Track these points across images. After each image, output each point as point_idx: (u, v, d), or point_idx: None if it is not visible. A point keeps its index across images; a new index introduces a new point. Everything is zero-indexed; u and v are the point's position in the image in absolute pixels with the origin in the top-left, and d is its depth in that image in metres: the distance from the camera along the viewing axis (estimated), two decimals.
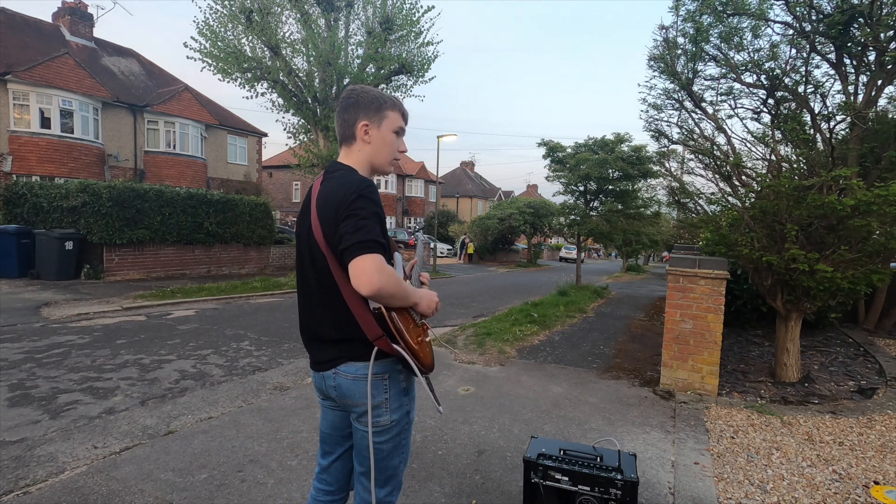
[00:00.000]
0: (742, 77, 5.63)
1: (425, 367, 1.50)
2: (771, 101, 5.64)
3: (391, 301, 1.40)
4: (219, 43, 11.41)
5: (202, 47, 11.47)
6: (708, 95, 6.01)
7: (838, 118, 5.05)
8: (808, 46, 4.98)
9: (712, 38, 5.54)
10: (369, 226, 1.36)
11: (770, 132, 5.72)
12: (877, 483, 2.87)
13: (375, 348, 1.45)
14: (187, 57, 11.46)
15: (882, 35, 4.48)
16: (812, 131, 5.28)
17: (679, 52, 5.80)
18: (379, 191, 1.53)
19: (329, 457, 1.70)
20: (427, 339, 1.57)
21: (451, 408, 3.95)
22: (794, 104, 5.46)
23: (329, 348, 1.53)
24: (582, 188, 14.60)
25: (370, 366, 1.45)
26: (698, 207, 6.51)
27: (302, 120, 12.92)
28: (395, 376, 1.53)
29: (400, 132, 1.64)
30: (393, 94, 13.21)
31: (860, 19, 4.52)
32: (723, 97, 5.96)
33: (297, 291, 1.64)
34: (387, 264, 1.37)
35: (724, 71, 5.75)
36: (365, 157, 1.58)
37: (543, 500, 2.19)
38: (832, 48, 4.91)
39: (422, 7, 12.23)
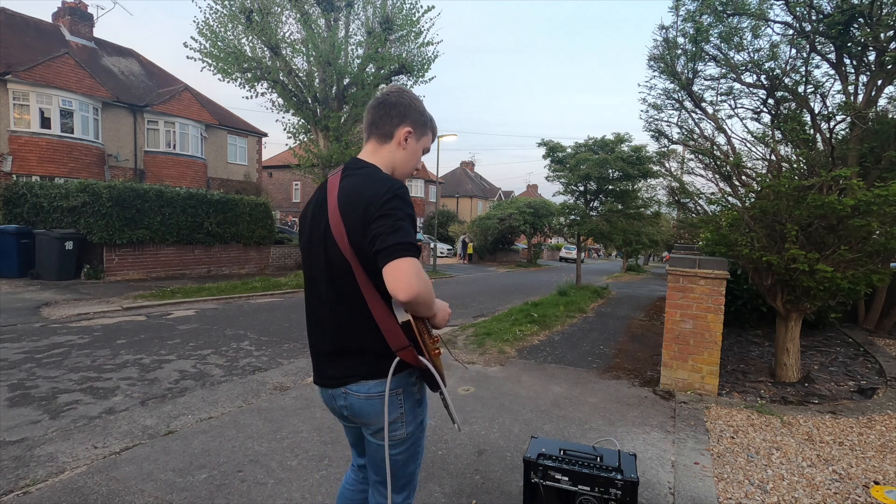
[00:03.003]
0: (742, 77, 5.63)
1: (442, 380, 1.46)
2: (771, 101, 5.64)
3: (422, 309, 1.34)
4: (219, 43, 11.41)
5: (202, 47, 11.47)
6: (708, 95, 6.02)
7: (838, 118, 5.04)
8: (808, 46, 4.98)
9: (712, 38, 5.54)
10: (406, 227, 1.30)
11: (770, 132, 5.72)
12: (877, 483, 2.87)
13: (396, 359, 1.38)
14: (187, 57, 11.45)
15: (882, 35, 4.48)
16: (812, 131, 5.28)
17: (679, 52, 5.80)
18: None
19: (362, 458, 1.69)
20: (440, 351, 1.53)
21: None
22: (794, 104, 5.46)
23: (337, 365, 1.47)
24: (582, 188, 14.60)
25: (388, 381, 1.39)
26: (698, 207, 6.50)
27: (302, 120, 12.92)
28: (409, 389, 1.49)
29: (425, 152, 1.64)
30: None
31: (860, 19, 4.52)
32: (723, 97, 5.96)
33: (306, 300, 1.56)
34: (422, 269, 1.31)
35: (724, 71, 5.75)
36: (393, 162, 1.53)
37: (543, 500, 2.19)
38: (832, 48, 4.91)
39: (422, 7, 12.23)
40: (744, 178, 5.48)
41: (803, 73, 5.18)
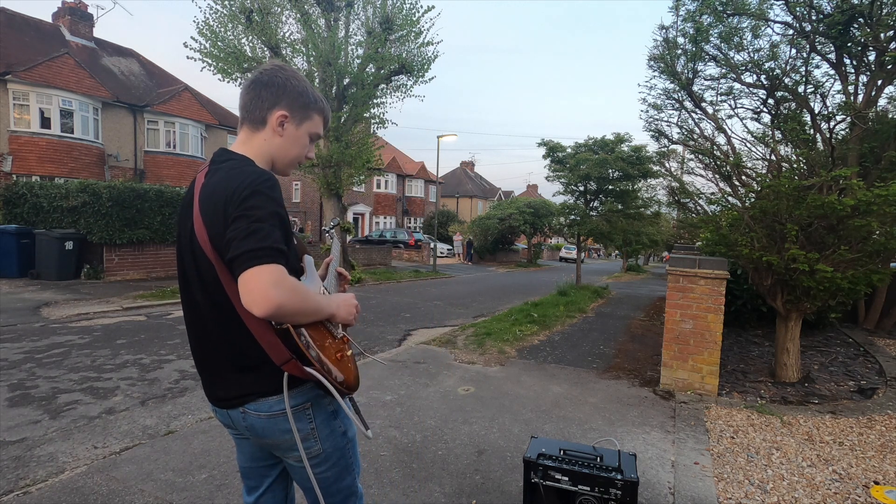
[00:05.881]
0: (742, 77, 5.63)
1: (347, 387, 1.25)
2: (771, 101, 5.64)
3: (297, 319, 1.15)
4: (219, 43, 11.42)
5: (202, 47, 11.48)
6: (708, 95, 6.02)
7: (838, 118, 5.05)
8: (808, 46, 4.98)
9: (712, 38, 5.54)
10: (265, 230, 1.11)
11: (770, 132, 5.72)
12: (877, 483, 2.87)
13: (286, 375, 1.22)
14: (187, 57, 11.46)
15: (882, 35, 4.48)
16: (812, 131, 5.28)
17: (679, 52, 5.80)
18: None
19: (255, 492, 1.49)
20: (349, 354, 1.34)
21: (451, 408, 3.95)
22: (794, 104, 5.46)
23: (230, 382, 1.29)
24: (582, 188, 14.62)
25: (286, 398, 1.23)
26: (698, 207, 6.51)
27: None
28: (319, 402, 1.32)
29: (315, 138, 1.43)
30: (394, 93, 13.26)
31: (860, 19, 4.52)
32: (723, 97, 5.97)
33: (184, 312, 1.36)
34: (288, 276, 1.11)
35: (724, 71, 5.75)
36: (269, 151, 1.34)
37: (543, 500, 2.19)
38: (832, 48, 4.91)
39: (422, 7, 12.24)
40: (744, 178, 5.48)
41: (803, 73, 5.18)
